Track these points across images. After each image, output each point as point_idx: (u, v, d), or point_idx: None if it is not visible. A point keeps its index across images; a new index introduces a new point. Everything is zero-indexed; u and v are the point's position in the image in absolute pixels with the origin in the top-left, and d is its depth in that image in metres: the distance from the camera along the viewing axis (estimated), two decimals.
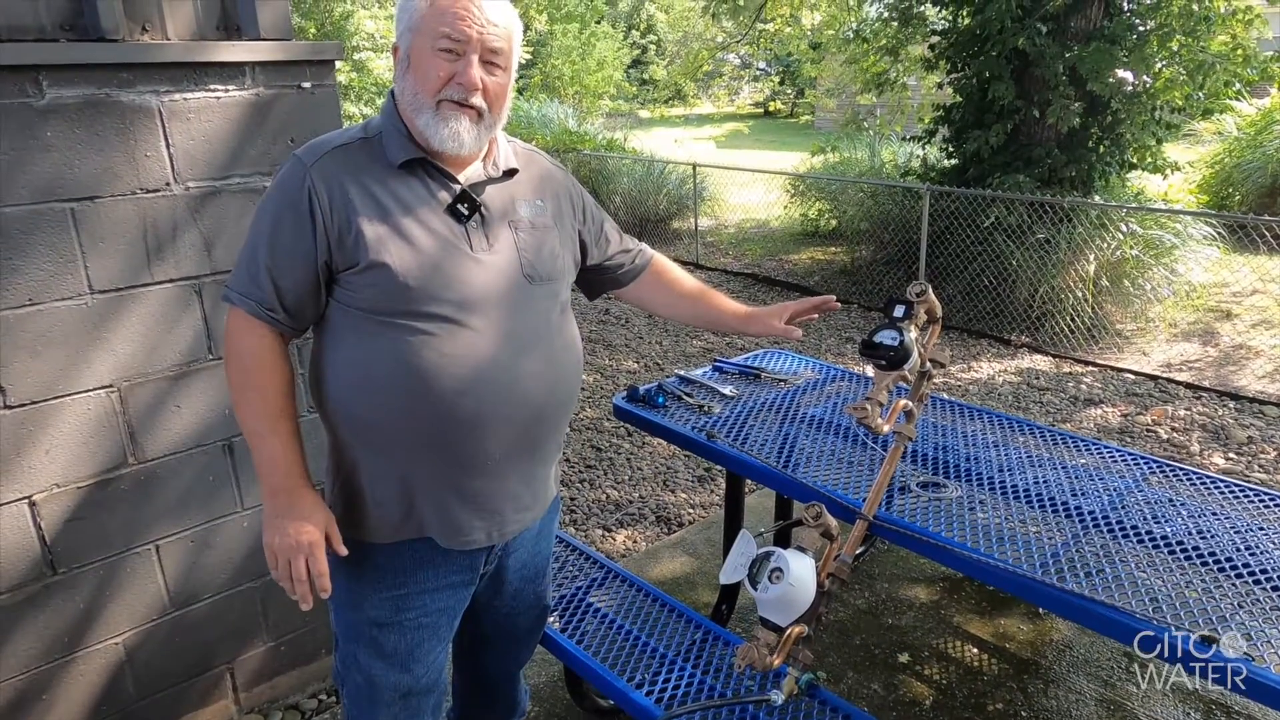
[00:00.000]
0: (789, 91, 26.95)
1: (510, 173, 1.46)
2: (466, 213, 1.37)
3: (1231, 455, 4.11)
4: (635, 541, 3.35)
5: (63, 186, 1.74)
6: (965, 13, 6.74)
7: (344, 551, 1.38)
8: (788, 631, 1.51)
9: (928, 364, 1.79)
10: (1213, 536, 1.71)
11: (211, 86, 1.88)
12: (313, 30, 13.26)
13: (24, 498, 1.81)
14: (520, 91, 19.17)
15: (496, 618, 1.69)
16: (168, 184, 1.87)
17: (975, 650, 2.56)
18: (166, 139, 1.85)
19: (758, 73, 28.22)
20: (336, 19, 13.60)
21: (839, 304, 1.78)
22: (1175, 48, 5.84)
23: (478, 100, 1.33)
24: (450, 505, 1.42)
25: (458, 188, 1.38)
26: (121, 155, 1.80)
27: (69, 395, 1.83)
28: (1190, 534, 1.72)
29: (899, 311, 1.67)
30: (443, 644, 1.58)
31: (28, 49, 1.67)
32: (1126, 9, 6.20)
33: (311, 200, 1.31)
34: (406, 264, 1.31)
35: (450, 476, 1.40)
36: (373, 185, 1.34)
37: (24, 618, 1.87)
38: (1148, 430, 4.41)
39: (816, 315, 1.80)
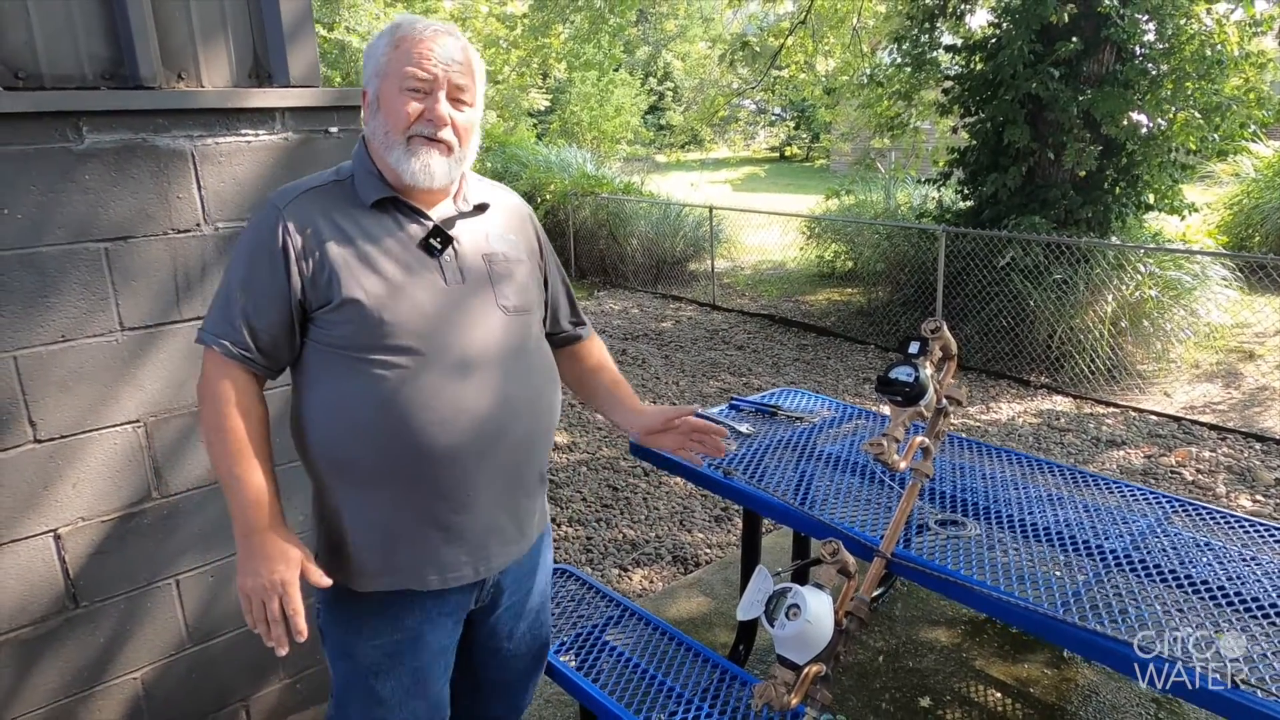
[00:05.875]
0: (804, 136, 27.24)
1: (480, 208, 1.49)
2: (439, 247, 1.40)
3: (1259, 497, 4.03)
4: (652, 581, 3.33)
5: (97, 227, 1.80)
6: (978, 58, 6.83)
7: (326, 583, 1.35)
8: (805, 670, 1.50)
9: (944, 400, 1.79)
10: (1240, 579, 1.69)
11: (243, 131, 1.95)
12: (338, 79, 13.63)
13: (49, 530, 1.84)
14: (539, 137, 19.52)
15: (493, 663, 1.67)
16: (198, 224, 1.93)
17: (998, 695, 2.50)
18: (198, 181, 1.91)
19: (773, 118, 28.58)
20: (361, 68, 13.98)
21: (726, 445, 1.75)
22: (1190, 90, 5.88)
23: (447, 134, 1.37)
24: (434, 542, 1.41)
25: (430, 223, 1.41)
26: (155, 197, 1.86)
27: (97, 430, 1.86)
28: (1218, 576, 1.70)
29: (914, 348, 1.68)
30: (440, 685, 1.55)
31: (70, 96, 1.74)
32: (1139, 53, 6.26)
33: (285, 241, 1.33)
34: (380, 299, 1.33)
35: (432, 512, 1.40)
36: (345, 224, 1.36)
37: (45, 651, 1.88)
38: (1172, 472, 4.35)
39: (698, 444, 1.72)
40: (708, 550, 3.56)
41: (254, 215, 1.40)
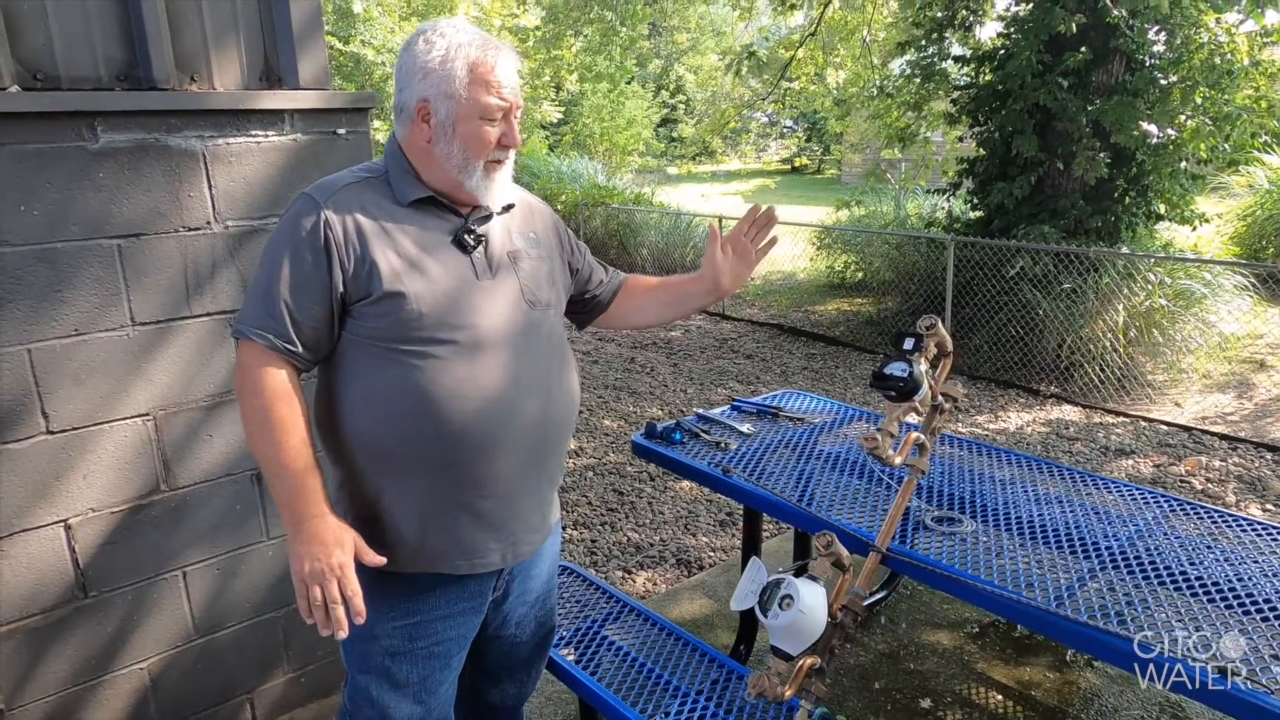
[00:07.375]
0: (815, 147, 27.30)
1: (507, 208, 1.54)
2: (472, 244, 1.45)
3: (1269, 507, 4.01)
4: (655, 583, 3.34)
5: (111, 224, 1.85)
6: (987, 69, 6.85)
7: (380, 561, 1.38)
8: (799, 662, 1.51)
9: (939, 397, 1.81)
10: (1238, 575, 1.69)
11: (253, 132, 1.99)
12: (353, 90, 13.80)
13: (60, 521, 1.88)
14: (551, 148, 19.65)
15: (501, 648, 1.71)
16: (208, 223, 1.97)
17: (1000, 697, 2.50)
18: (209, 180, 1.96)
19: (784, 129, 28.64)
20: (376, 81, 14.17)
21: (776, 213, 1.74)
22: (1199, 100, 5.87)
23: (513, 152, 1.46)
24: (466, 528, 1.46)
25: (462, 221, 1.47)
26: (167, 195, 1.91)
27: (108, 422, 1.91)
28: (1214, 574, 1.70)
29: (908, 344, 1.70)
30: (453, 674, 1.59)
31: (86, 97, 1.79)
32: (1149, 63, 6.26)
33: (327, 235, 1.36)
34: (419, 293, 1.37)
35: (465, 499, 1.44)
36: (383, 219, 1.41)
37: (54, 640, 1.92)
38: (1181, 481, 4.33)
39: (764, 235, 1.72)
40: (711, 554, 3.57)
41: (290, 209, 1.41)
